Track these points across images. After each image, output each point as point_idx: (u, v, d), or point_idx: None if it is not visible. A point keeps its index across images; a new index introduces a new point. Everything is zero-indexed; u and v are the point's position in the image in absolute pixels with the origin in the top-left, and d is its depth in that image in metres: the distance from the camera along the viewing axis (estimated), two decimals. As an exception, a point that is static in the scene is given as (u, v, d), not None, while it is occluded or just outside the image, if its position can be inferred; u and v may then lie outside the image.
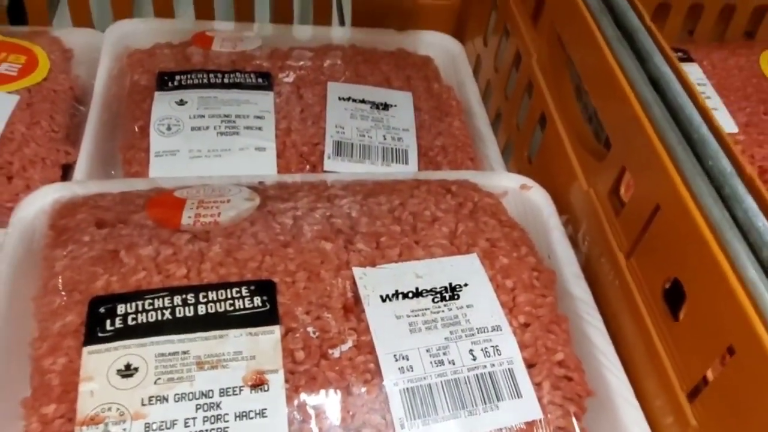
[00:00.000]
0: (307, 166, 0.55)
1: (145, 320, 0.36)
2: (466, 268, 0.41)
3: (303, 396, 0.34)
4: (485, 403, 0.35)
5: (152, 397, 0.33)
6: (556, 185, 0.52)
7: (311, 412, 0.34)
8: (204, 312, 0.36)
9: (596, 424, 0.38)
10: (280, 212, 0.42)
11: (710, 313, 0.34)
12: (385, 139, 0.58)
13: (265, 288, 0.38)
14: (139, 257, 0.38)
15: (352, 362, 0.36)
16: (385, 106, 0.60)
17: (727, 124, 0.55)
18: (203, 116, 0.55)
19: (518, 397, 0.36)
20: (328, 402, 0.34)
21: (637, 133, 0.40)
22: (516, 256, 0.43)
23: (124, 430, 0.32)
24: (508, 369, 0.37)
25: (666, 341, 0.38)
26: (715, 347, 0.34)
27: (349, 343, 0.36)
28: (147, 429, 0.32)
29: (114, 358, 0.34)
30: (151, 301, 0.36)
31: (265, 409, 0.34)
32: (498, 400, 0.36)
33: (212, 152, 0.54)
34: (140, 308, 0.36)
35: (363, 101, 0.60)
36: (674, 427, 0.37)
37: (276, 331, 0.36)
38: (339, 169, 0.54)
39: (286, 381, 0.35)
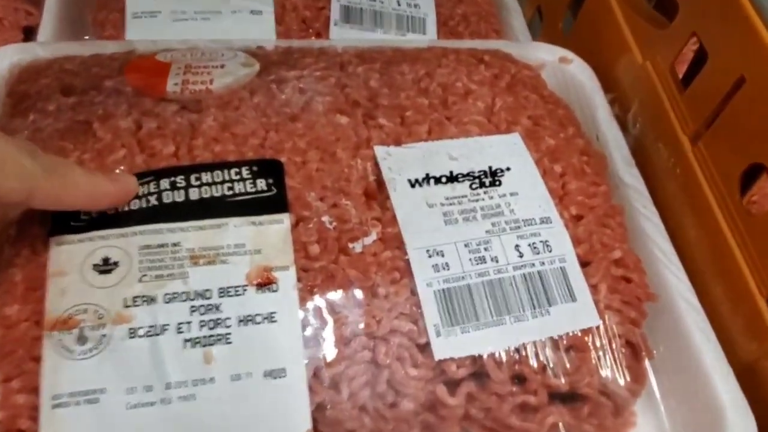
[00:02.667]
0: (311, 34, 0.47)
1: (126, 207, 0.29)
2: (508, 150, 0.34)
3: (319, 298, 0.29)
4: (534, 308, 0.30)
5: (137, 297, 0.27)
6: (600, 59, 0.45)
7: (329, 317, 0.28)
8: (197, 197, 0.30)
9: (653, 330, 0.33)
10: (284, 80, 0.35)
11: None
12: (399, 5, 0.50)
13: (270, 168, 0.31)
14: (117, 131, 0.31)
15: (377, 258, 0.30)
16: None
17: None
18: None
19: (572, 301, 0.31)
20: (349, 305, 0.29)
21: None
22: (563, 137, 0.36)
23: (104, 336, 0.27)
24: (560, 268, 0.31)
25: (741, 238, 0.33)
26: None
27: (373, 236, 0.30)
28: (131, 335, 0.27)
29: (89, 250, 0.28)
30: (132, 183, 0.30)
31: (274, 312, 0.28)
32: (549, 304, 0.30)
33: (199, 14, 0.46)
34: (119, 191, 0.29)
35: None
36: (748, 337, 0.32)
37: (285, 220, 0.30)
38: (348, 36, 0.47)
39: (299, 280, 0.29)
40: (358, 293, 0.29)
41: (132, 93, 0.33)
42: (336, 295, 0.29)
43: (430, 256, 0.30)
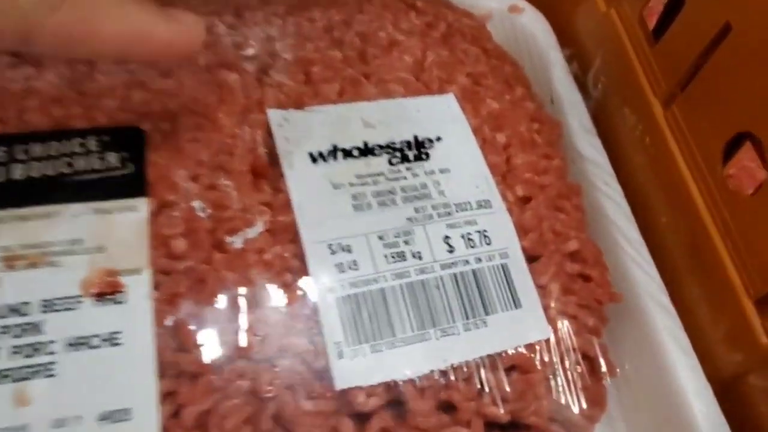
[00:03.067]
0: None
1: None
2: (440, 115, 0.28)
3: (182, 310, 0.22)
4: (467, 318, 0.23)
5: (-76, 315, 0.20)
6: (558, 8, 0.38)
7: (195, 336, 0.21)
8: (22, 175, 0.22)
9: (615, 338, 0.27)
10: (158, 25, 0.27)
11: None
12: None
13: (127, 138, 0.24)
14: None
15: (262, 256, 0.23)
16: None
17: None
18: None
19: (515, 307, 0.24)
20: (224, 319, 0.22)
21: None
22: (509, 100, 0.29)
23: None
24: (502, 265, 0.25)
25: (725, 226, 0.26)
26: None
27: (259, 227, 0.23)
28: None
29: None
30: (-72, 156, 0.22)
31: (118, 332, 0.21)
32: (486, 312, 0.24)
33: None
34: None
35: None
36: (731, 347, 0.26)
37: (142, 207, 0.23)
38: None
39: (156, 287, 0.22)
40: (236, 303, 0.22)
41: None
42: (206, 306, 0.22)
43: (333, 253, 0.23)
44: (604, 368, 0.25)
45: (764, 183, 0.25)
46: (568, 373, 0.24)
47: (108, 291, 0.21)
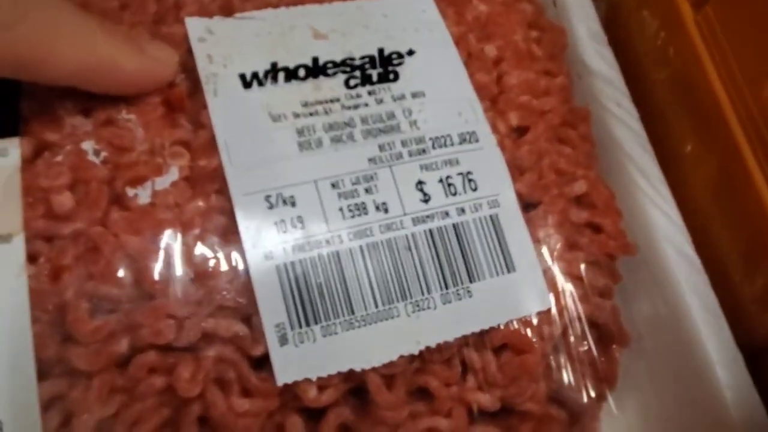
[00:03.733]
0: None
1: None
2: (413, 21, 0.21)
3: (71, 288, 0.16)
4: (445, 287, 0.18)
5: None
6: None
7: (89, 323, 0.16)
8: None
9: (630, 292, 0.23)
10: None
11: None
12: None
13: None
14: None
15: (178, 213, 0.18)
16: None
17: None
18: None
19: (508, 271, 0.19)
20: (127, 299, 0.17)
21: None
22: (501, 1, 0.23)
23: None
24: (491, 216, 0.19)
25: (764, 150, 0.21)
26: None
27: (173, 174, 0.18)
28: None
29: None
30: None
31: (-18, 319, 0.16)
32: (470, 279, 0.19)
33: None
34: None
35: None
36: (765, 304, 0.21)
37: (12, 150, 0.17)
38: None
39: (33, 258, 0.16)
40: (144, 276, 0.17)
41: None
42: (102, 282, 0.17)
43: (271, 207, 0.18)
44: (615, 338, 0.21)
45: None
46: (572, 348, 0.20)
47: (-36, 266, 0.16)
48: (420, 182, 0.19)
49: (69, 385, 0.16)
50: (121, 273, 0.17)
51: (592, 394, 0.20)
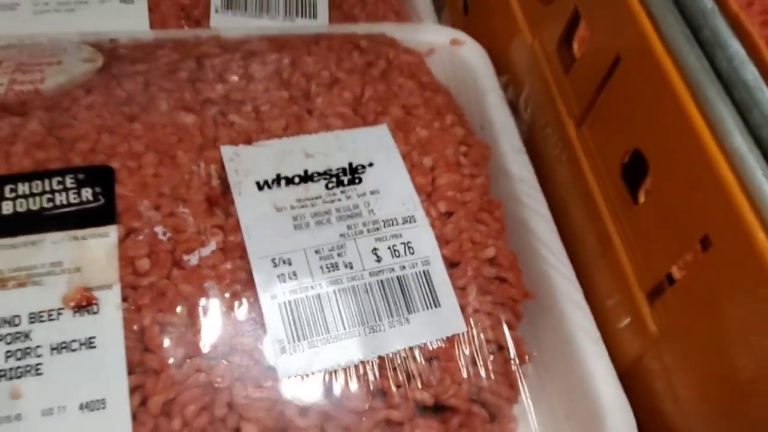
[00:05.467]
0: (191, 23, 0.44)
1: None
2: (373, 143, 0.32)
3: (147, 318, 0.26)
4: (392, 316, 0.27)
5: (-68, 328, 0.24)
6: (495, 39, 0.42)
7: (158, 338, 0.26)
8: (11, 211, 0.27)
9: (536, 331, 0.31)
10: (127, 76, 0.32)
11: (681, 194, 0.26)
12: (288, -14, 0.47)
13: (98, 176, 0.28)
14: None
15: (215, 271, 0.27)
16: None
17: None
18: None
19: (435, 307, 0.28)
20: (182, 325, 0.26)
21: None
22: (438, 127, 0.34)
23: None
24: (423, 272, 0.29)
25: (623, 229, 0.30)
26: (686, 238, 0.26)
27: (212, 246, 0.28)
28: (-77, 372, 0.24)
29: None
30: (-69, 197, 0.27)
31: (93, 337, 0.25)
32: (409, 311, 0.28)
33: (63, 5, 0.42)
34: None
35: None
36: (629, 333, 0.30)
37: (112, 233, 0.27)
38: (230, 25, 0.44)
39: (125, 299, 0.26)
40: (193, 311, 0.26)
41: (-53, 96, 0.30)
42: (167, 314, 0.26)
43: (275, 266, 0.27)
44: (516, 356, 0.29)
45: (650, 192, 0.29)
46: (485, 359, 0.28)
47: (84, 303, 0.25)
48: (375, 249, 0.29)
49: (146, 378, 0.25)
50: (179, 309, 0.26)
51: (503, 396, 0.29)
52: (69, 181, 0.28)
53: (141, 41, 0.36)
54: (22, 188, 0.27)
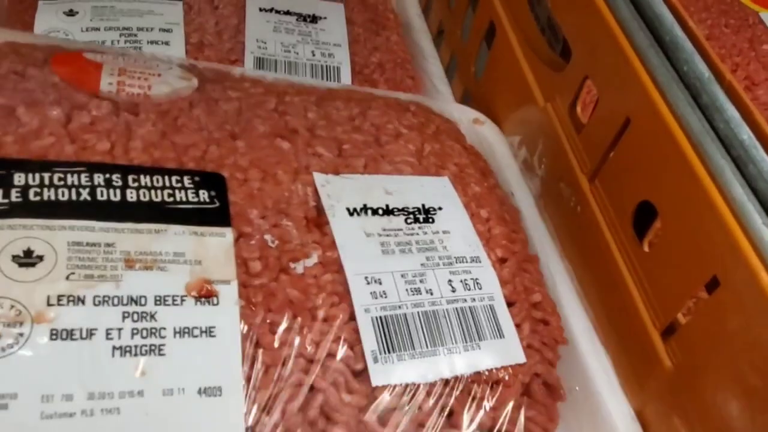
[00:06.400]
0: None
1: (53, 197, 0.27)
2: (439, 191, 0.36)
3: (258, 316, 0.27)
4: (466, 341, 0.31)
5: (62, 296, 0.25)
6: (508, 102, 0.47)
7: (268, 336, 0.27)
8: (135, 199, 0.28)
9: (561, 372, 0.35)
10: (224, 99, 0.34)
11: (689, 240, 0.30)
12: (314, 55, 0.51)
13: (213, 181, 0.30)
14: (45, 119, 0.29)
15: (317, 281, 0.29)
16: (314, 19, 0.53)
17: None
18: (98, 29, 0.44)
19: (500, 337, 0.32)
20: (288, 326, 0.28)
21: (602, 37, 0.36)
22: (486, 186, 0.38)
23: (20, 335, 0.24)
24: (490, 305, 0.32)
25: (636, 273, 0.34)
26: (696, 278, 0.30)
27: (314, 258, 0.30)
28: (53, 336, 0.24)
29: (8, 239, 0.25)
30: (62, 175, 0.27)
31: (213, 327, 0.26)
32: (479, 338, 0.31)
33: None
34: (47, 181, 0.27)
35: (288, 12, 0.52)
36: (646, 369, 0.34)
37: (228, 234, 0.29)
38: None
39: (239, 296, 0.28)
40: (298, 314, 0.28)
41: (61, 85, 0.31)
42: (276, 314, 0.28)
43: (368, 283, 0.30)
44: (554, 392, 0.33)
45: (659, 239, 0.34)
46: (535, 392, 0.32)
47: (206, 294, 0.27)
48: (450, 280, 0.32)
49: (256, 372, 0.27)
50: (286, 310, 0.28)
51: (545, 428, 0.32)
52: (186, 181, 0.29)
53: (219, 71, 0.38)
54: (145, 180, 0.29)
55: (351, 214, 0.32)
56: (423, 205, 0.34)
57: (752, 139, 0.30)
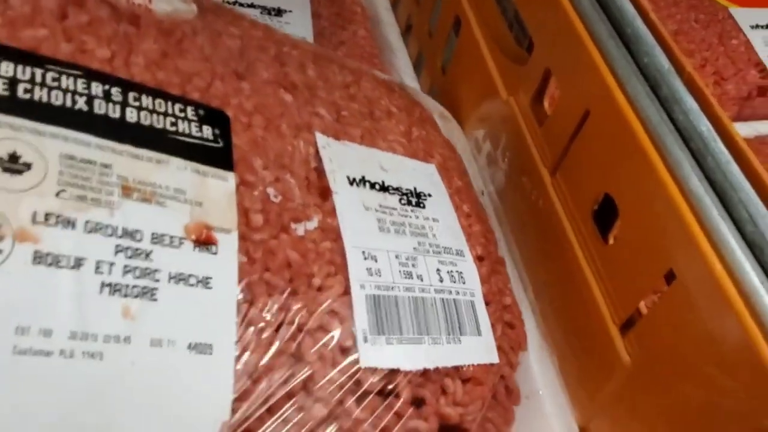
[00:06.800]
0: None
1: (46, 99, 0.23)
2: (428, 178, 0.34)
3: (256, 273, 0.25)
4: (449, 334, 0.30)
5: (51, 214, 0.21)
6: (473, 96, 0.47)
7: (264, 296, 0.25)
8: (135, 120, 0.25)
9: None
10: (226, 34, 0.31)
11: (647, 233, 0.30)
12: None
13: (217, 118, 0.27)
14: (38, 6, 0.25)
15: (316, 247, 0.27)
16: (278, 12, 0.50)
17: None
18: None
19: (478, 335, 0.31)
20: (285, 288, 0.26)
21: (563, 29, 0.35)
22: (466, 181, 0.38)
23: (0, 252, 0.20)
24: (471, 302, 0.31)
25: (595, 267, 0.34)
26: (653, 272, 0.29)
27: (315, 222, 0.28)
28: (36, 260, 0.20)
29: (-7, 139, 0.21)
30: (56, 75, 0.24)
31: (210, 278, 0.24)
32: (461, 333, 0.30)
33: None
34: (39, 78, 0.23)
35: (252, 5, 0.49)
36: (604, 364, 0.34)
37: (230, 178, 0.26)
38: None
39: (239, 249, 0.25)
40: (295, 278, 0.26)
41: (55, -24, 0.27)
42: (274, 275, 0.25)
43: (365, 258, 0.28)
44: (516, 395, 0.33)
45: (619, 233, 0.34)
46: (498, 393, 0.32)
47: (205, 240, 0.24)
48: (438, 269, 0.31)
49: (248, 333, 0.24)
50: (284, 271, 0.26)
51: (500, 429, 0.32)
52: (190, 112, 0.26)
53: (217, 3, 0.35)
54: (146, 101, 0.25)
55: (351, 184, 0.30)
56: (415, 189, 0.33)
57: (711, 131, 0.29)
